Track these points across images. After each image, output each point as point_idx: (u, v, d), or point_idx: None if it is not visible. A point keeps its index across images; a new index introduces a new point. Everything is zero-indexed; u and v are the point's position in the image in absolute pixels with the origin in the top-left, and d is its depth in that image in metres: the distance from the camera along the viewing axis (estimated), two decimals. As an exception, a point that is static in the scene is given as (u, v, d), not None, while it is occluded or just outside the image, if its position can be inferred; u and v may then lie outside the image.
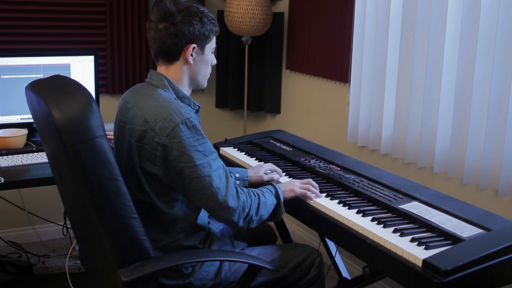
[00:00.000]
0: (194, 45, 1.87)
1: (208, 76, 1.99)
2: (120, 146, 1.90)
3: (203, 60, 1.92)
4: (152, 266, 1.68)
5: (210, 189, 1.76)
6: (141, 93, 1.90)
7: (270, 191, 1.94)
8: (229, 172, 1.89)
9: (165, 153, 1.75)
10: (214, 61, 1.99)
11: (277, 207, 1.94)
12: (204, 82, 1.99)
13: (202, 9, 1.90)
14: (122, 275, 1.62)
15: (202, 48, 1.90)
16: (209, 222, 2.04)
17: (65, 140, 1.52)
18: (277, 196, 1.95)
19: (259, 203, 1.86)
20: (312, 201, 1.99)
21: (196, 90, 2.03)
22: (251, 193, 1.87)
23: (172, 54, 1.87)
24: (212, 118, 3.90)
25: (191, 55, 1.88)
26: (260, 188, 1.95)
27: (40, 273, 3.13)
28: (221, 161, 1.84)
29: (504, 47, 2.11)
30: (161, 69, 1.92)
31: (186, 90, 1.94)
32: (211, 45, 1.94)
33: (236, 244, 2.03)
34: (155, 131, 1.76)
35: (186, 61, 1.89)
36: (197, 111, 1.95)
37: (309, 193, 2.01)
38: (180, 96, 1.90)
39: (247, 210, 1.83)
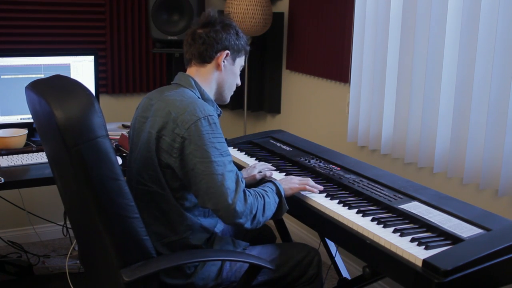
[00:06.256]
0: (228, 51, 1.97)
1: (232, 92, 2.08)
2: (137, 139, 1.94)
3: (232, 71, 2.02)
4: (154, 266, 1.68)
5: (220, 188, 1.76)
6: (167, 90, 1.97)
7: (271, 189, 1.96)
8: None
9: (183, 145, 1.78)
10: (239, 82, 2.08)
11: (279, 205, 1.95)
12: (228, 95, 2.07)
13: (239, 29, 2.05)
14: (124, 275, 1.62)
15: (233, 59, 2.01)
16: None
17: (67, 140, 1.52)
18: (278, 193, 1.96)
19: (264, 205, 1.87)
20: (312, 200, 1.99)
21: (219, 103, 2.07)
22: (258, 195, 1.87)
23: (206, 57, 1.97)
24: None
25: (223, 61, 1.97)
26: (262, 187, 1.95)
27: (40, 273, 3.13)
28: (235, 166, 1.86)
29: (504, 47, 2.11)
30: (191, 70, 2.00)
31: (211, 95, 2.01)
32: (241, 60, 2.05)
33: (237, 244, 2.04)
34: (177, 123, 1.80)
35: (218, 66, 1.98)
36: (218, 116, 1.97)
37: (308, 187, 2.03)
38: (205, 98, 1.96)
39: (254, 212, 1.83)
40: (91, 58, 2.99)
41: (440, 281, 1.47)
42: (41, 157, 2.53)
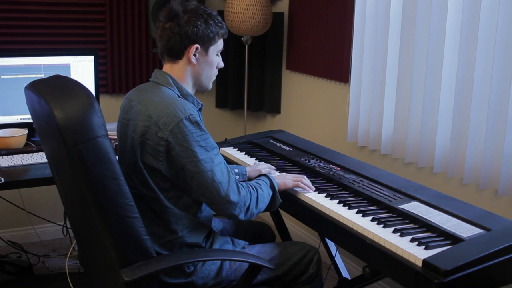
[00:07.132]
0: (197, 45, 1.90)
1: (213, 78, 2.02)
2: (124, 143, 1.92)
3: (207, 62, 1.95)
4: (154, 265, 1.68)
5: (212, 184, 1.79)
6: (145, 90, 1.93)
7: (265, 182, 1.98)
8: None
9: (168, 148, 1.78)
10: (221, 64, 2.01)
11: (273, 197, 1.98)
12: (208, 84, 2.01)
13: (209, 11, 1.94)
14: (124, 275, 1.62)
15: (205, 49, 1.93)
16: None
17: (67, 140, 1.52)
18: (272, 187, 1.98)
19: (257, 197, 1.90)
20: (312, 200, 1.99)
21: (201, 91, 2.05)
22: (250, 187, 1.90)
23: (176, 53, 1.91)
24: (212, 118, 3.90)
25: (194, 55, 1.91)
26: (256, 180, 1.99)
27: (40, 273, 3.13)
28: (222, 157, 1.88)
29: (504, 47, 2.11)
30: (166, 67, 1.96)
31: (190, 89, 1.98)
32: (216, 47, 1.96)
33: (236, 243, 2.04)
34: (159, 126, 1.78)
35: (189, 61, 1.92)
36: (200, 110, 1.97)
37: (301, 184, 2.05)
38: (184, 94, 1.93)
39: (247, 204, 1.86)
40: (91, 58, 2.99)
41: (440, 281, 1.47)
42: (41, 157, 2.53)
